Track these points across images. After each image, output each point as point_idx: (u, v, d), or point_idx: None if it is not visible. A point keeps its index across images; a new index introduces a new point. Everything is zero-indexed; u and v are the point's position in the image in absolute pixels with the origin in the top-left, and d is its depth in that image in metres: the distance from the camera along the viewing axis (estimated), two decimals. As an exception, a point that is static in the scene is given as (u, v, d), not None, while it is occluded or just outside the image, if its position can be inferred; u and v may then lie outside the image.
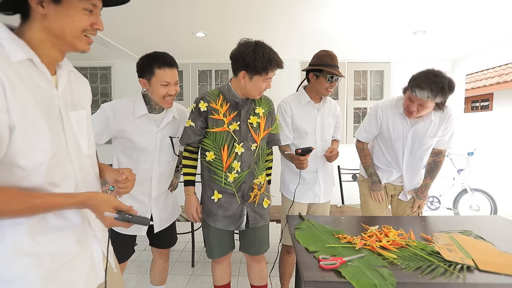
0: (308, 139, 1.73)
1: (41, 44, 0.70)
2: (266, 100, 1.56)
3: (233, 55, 1.38)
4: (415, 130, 1.67)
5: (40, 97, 0.68)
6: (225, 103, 1.44)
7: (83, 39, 0.73)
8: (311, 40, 3.05)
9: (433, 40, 3.10)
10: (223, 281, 1.61)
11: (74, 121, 0.78)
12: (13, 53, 0.64)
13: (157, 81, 1.36)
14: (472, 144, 3.94)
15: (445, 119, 1.67)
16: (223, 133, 1.42)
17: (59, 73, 0.76)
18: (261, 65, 1.30)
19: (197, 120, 1.44)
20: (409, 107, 1.57)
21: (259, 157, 1.50)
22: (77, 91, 0.84)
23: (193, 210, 1.50)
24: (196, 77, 4.00)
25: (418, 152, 1.71)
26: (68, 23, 0.69)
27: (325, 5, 2.30)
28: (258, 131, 1.49)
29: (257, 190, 1.49)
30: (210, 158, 1.43)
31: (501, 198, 3.66)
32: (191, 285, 2.27)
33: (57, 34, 0.69)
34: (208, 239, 1.53)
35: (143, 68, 1.39)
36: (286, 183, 1.78)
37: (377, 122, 1.75)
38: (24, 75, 0.65)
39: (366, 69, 3.96)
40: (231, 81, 1.46)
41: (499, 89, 6.52)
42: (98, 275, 0.82)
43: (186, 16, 2.50)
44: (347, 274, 0.93)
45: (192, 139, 1.46)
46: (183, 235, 3.21)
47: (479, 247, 1.13)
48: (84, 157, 0.81)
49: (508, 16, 2.49)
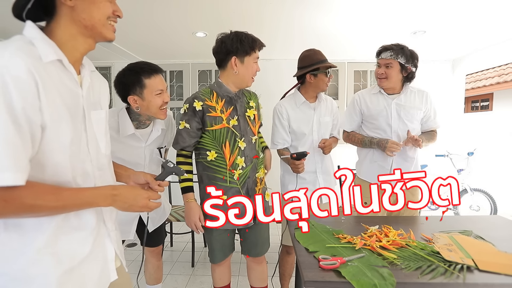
0: (306, 140, 1.73)
1: (72, 39, 0.71)
2: (253, 93, 1.59)
3: (218, 48, 1.39)
4: (398, 101, 1.75)
5: (67, 96, 0.69)
6: (219, 99, 1.41)
7: (109, 27, 0.75)
8: (311, 40, 3.05)
9: (433, 40, 3.11)
10: (223, 282, 1.60)
11: (95, 121, 0.80)
12: (45, 54, 0.65)
13: (151, 92, 1.27)
14: (472, 144, 3.94)
15: (423, 97, 1.77)
16: (223, 129, 1.39)
17: (83, 72, 0.78)
18: (248, 45, 1.35)
19: (192, 121, 1.38)
20: (378, 72, 1.74)
21: (258, 149, 1.50)
22: (98, 91, 0.86)
23: (196, 219, 1.39)
24: (196, 77, 4.00)
25: (407, 126, 1.72)
26: (96, 10, 0.71)
27: (325, 5, 2.30)
28: (254, 123, 1.50)
29: (259, 184, 1.49)
30: (212, 157, 1.39)
31: (501, 198, 3.66)
32: (191, 285, 2.26)
33: (87, 25, 0.71)
34: (211, 244, 1.51)
35: (128, 85, 1.27)
36: (286, 184, 1.78)
37: (355, 108, 1.85)
38: (54, 76, 0.67)
39: (366, 69, 3.96)
40: (220, 77, 1.45)
41: (499, 89, 6.52)
42: (110, 274, 0.83)
43: (186, 16, 2.50)
44: (347, 274, 0.93)
45: (187, 142, 1.40)
46: (183, 235, 3.21)
47: (479, 247, 1.13)
48: (102, 156, 0.83)
49: (508, 16, 2.50)
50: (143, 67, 1.28)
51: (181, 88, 4.06)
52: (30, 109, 0.60)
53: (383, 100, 1.77)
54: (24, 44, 0.63)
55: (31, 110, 0.60)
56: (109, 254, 0.83)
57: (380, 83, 1.76)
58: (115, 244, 0.86)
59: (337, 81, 3.98)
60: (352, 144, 1.90)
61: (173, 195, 2.98)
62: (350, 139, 1.89)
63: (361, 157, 1.91)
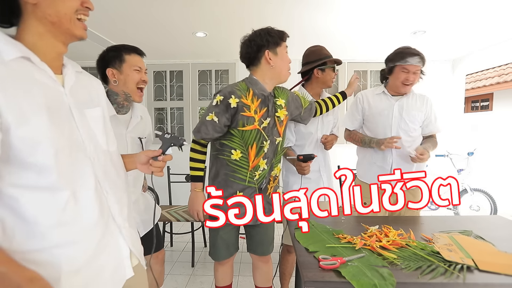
0: (312, 139, 1.73)
1: (41, 39, 0.69)
2: (282, 89, 1.53)
3: (248, 48, 1.37)
4: (400, 103, 1.75)
5: (44, 94, 0.67)
6: (255, 98, 1.35)
7: (77, 24, 0.72)
8: (311, 40, 3.03)
9: (433, 40, 3.11)
10: (225, 282, 1.59)
11: (91, 118, 0.79)
12: (7, 52, 0.64)
13: (129, 66, 1.30)
14: (472, 144, 3.94)
15: (424, 101, 1.78)
16: (253, 131, 1.34)
17: (64, 71, 0.77)
18: (277, 35, 1.36)
19: (221, 116, 1.30)
20: (408, 78, 1.68)
21: (278, 149, 1.47)
22: (90, 89, 0.85)
23: (199, 208, 1.38)
24: (196, 77, 4.00)
25: (408, 126, 1.72)
26: (61, 4, 0.68)
27: (325, 5, 2.31)
28: (282, 124, 1.46)
29: (272, 182, 1.49)
30: (237, 157, 1.35)
31: (501, 198, 3.66)
32: (191, 285, 2.26)
33: (54, 21, 0.69)
34: (216, 242, 1.49)
35: (108, 58, 1.31)
36: (290, 184, 1.77)
37: (357, 106, 1.85)
38: (22, 74, 0.65)
39: (366, 69, 3.96)
40: (254, 75, 1.40)
41: (499, 89, 6.51)
42: (126, 271, 0.82)
43: (186, 16, 2.50)
44: (347, 274, 0.93)
45: (210, 135, 1.34)
46: (183, 235, 3.21)
47: (479, 247, 1.13)
48: (103, 153, 0.81)
49: (508, 16, 2.50)
50: (124, 45, 1.33)
51: (181, 88, 4.06)
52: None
53: (386, 100, 1.77)
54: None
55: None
56: (123, 251, 0.81)
57: (405, 89, 1.72)
58: (129, 242, 0.83)
59: (337, 81, 3.98)
60: (353, 142, 1.89)
61: (173, 195, 2.98)
62: (352, 137, 1.89)
63: (360, 158, 1.91)
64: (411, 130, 1.72)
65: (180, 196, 3.23)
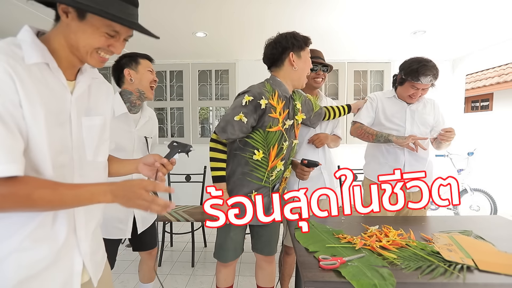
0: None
1: (62, 49, 0.73)
2: (297, 92, 1.56)
3: (273, 49, 1.40)
4: (412, 108, 1.79)
5: (49, 100, 0.69)
6: (280, 100, 1.37)
7: (94, 56, 0.74)
8: (311, 40, 3.05)
9: (433, 40, 3.11)
10: (227, 283, 1.58)
11: (85, 127, 0.79)
12: (29, 56, 0.66)
13: (144, 68, 1.50)
14: (472, 144, 3.94)
15: (432, 105, 1.83)
16: (277, 132, 1.36)
17: (79, 78, 0.78)
18: (302, 40, 1.40)
19: (250, 116, 1.30)
20: (416, 93, 1.71)
21: (293, 152, 1.51)
22: (97, 97, 0.85)
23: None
24: (196, 77, 4.00)
25: (420, 130, 1.75)
26: (84, 39, 0.71)
27: (325, 5, 2.30)
28: (298, 126, 1.50)
29: (284, 182, 1.51)
30: (259, 157, 1.35)
31: (501, 198, 3.66)
32: (191, 285, 2.26)
33: (72, 44, 0.72)
34: (225, 244, 1.48)
35: (125, 62, 1.50)
36: (291, 183, 1.77)
37: (372, 104, 1.87)
38: (39, 78, 0.67)
39: (366, 69, 3.96)
40: (277, 76, 1.42)
41: (499, 89, 6.52)
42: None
43: (186, 16, 2.50)
44: (347, 274, 0.93)
45: (235, 135, 1.33)
46: (183, 235, 3.21)
47: (479, 247, 1.13)
48: (87, 163, 0.80)
49: (508, 16, 2.50)
50: (137, 53, 1.53)
51: (181, 88, 4.06)
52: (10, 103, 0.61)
53: (399, 103, 1.81)
54: (8, 45, 0.65)
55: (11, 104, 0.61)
56: (75, 266, 0.78)
57: (411, 101, 1.77)
58: (85, 256, 0.80)
59: (337, 81, 3.99)
60: (361, 138, 1.85)
61: (173, 195, 2.98)
62: (363, 131, 1.82)
63: (369, 158, 1.90)
64: (423, 134, 1.74)
65: (180, 196, 3.24)
